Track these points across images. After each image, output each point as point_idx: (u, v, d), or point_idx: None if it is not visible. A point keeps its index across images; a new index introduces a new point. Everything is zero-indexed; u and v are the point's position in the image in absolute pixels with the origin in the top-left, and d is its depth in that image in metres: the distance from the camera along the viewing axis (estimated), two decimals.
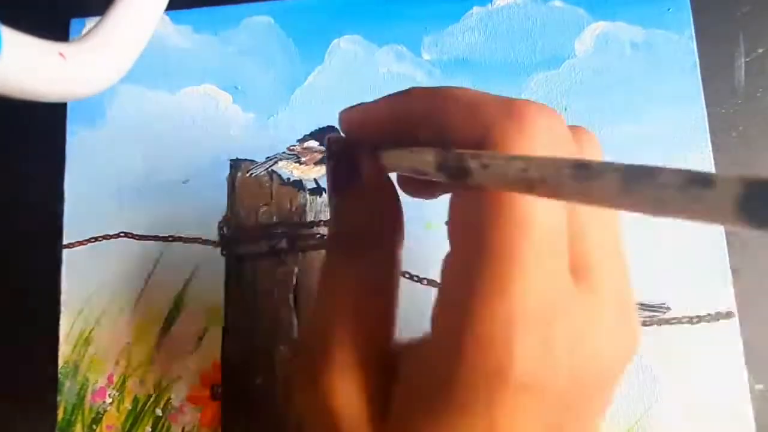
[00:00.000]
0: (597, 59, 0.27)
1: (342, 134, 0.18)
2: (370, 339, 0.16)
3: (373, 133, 0.17)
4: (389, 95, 0.17)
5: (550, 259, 0.13)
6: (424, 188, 0.18)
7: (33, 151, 0.28)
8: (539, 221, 0.13)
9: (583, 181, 0.11)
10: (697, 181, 0.09)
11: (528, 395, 0.13)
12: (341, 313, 0.16)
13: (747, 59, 0.26)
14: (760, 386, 0.24)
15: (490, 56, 0.27)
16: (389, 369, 0.15)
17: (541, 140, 0.13)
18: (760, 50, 0.26)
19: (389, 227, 0.17)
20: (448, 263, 0.14)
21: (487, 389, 0.13)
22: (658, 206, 0.10)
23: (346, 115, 0.18)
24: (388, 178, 0.17)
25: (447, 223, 0.15)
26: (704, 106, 0.26)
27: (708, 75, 0.26)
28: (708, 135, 0.25)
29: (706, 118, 0.26)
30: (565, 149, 0.14)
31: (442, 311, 0.14)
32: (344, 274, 0.16)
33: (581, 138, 0.16)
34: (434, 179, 0.14)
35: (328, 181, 0.18)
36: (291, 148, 0.27)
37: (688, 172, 0.09)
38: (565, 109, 0.26)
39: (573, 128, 0.16)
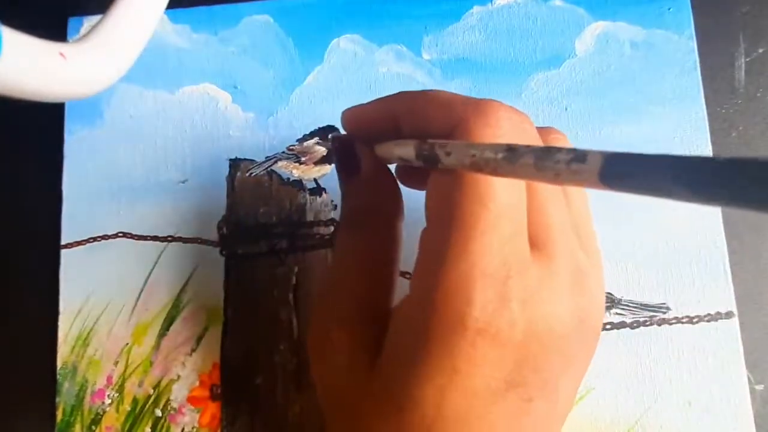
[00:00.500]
0: (597, 59, 0.27)
1: (343, 131, 0.21)
2: (368, 299, 0.18)
3: (367, 129, 0.20)
4: (381, 97, 0.20)
5: (507, 226, 0.15)
6: (416, 180, 0.21)
7: (31, 151, 0.28)
8: (497, 195, 0.15)
9: (512, 161, 0.13)
10: (577, 157, 0.12)
11: (485, 341, 0.15)
12: (345, 275, 0.19)
13: (747, 59, 0.26)
14: (760, 387, 0.24)
15: (490, 56, 0.27)
16: (384, 328, 0.17)
17: (505, 134, 0.16)
18: (761, 50, 0.26)
19: (386, 205, 0.20)
20: (424, 233, 0.17)
21: (450, 336, 0.15)
22: (556, 178, 0.12)
23: (346, 113, 0.21)
24: (385, 166, 0.20)
25: (425, 203, 0.17)
26: (704, 105, 0.26)
27: (708, 75, 0.26)
28: (708, 135, 0.25)
29: (706, 118, 0.26)
30: (529, 143, 0.16)
31: (417, 272, 0.17)
32: (349, 243, 0.19)
33: (551, 138, 0.18)
34: (416, 165, 0.17)
35: (337, 171, 0.21)
36: (291, 147, 0.27)
37: (573, 150, 0.12)
38: (566, 109, 0.26)
39: (544, 129, 0.18)
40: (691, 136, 0.26)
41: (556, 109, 0.26)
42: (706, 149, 0.25)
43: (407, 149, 0.17)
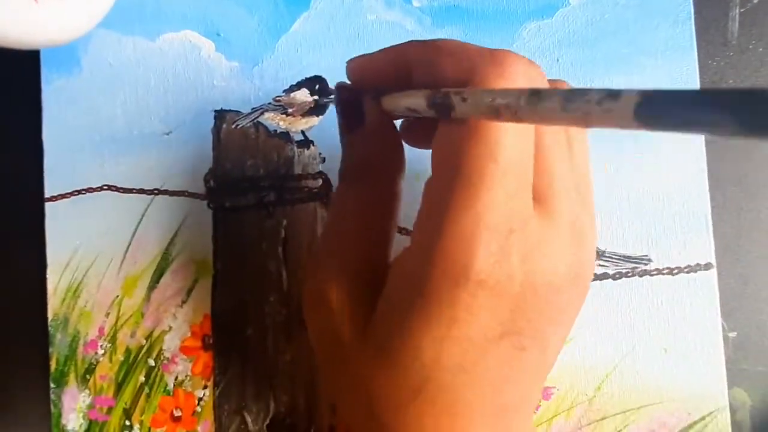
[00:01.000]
0: (591, 8, 0.26)
1: (348, 81, 0.20)
2: (364, 253, 0.19)
3: (374, 80, 0.19)
4: (388, 47, 0.19)
5: (513, 181, 0.15)
6: (420, 137, 0.20)
7: (8, 101, 0.27)
8: (505, 150, 0.15)
9: (535, 104, 0.13)
10: (610, 95, 0.11)
11: (485, 292, 0.15)
12: (343, 229, 0.19)
13: (741, 9, 0.26)
14: (733, 334, 0.25)
15: (481, 4, 0.26)
16: (381, 282, 0.17)
17: (518, 84, 0.15)
18: (756, 0, 0.26)
19: (388, 159, 0.19)
20: (428, 184, 0.17)
21: (451, 287, 0.15)
22: (586, 119, 0.12)
23: (351, 63, 0.20)
24: (389, 120, 0.20)
25: (431, 154, 0.17)
26: (696, 58, 0.25)
27: (702, 26, 0.26)
28: (699, 87, 0.25)
29: (697, 70, 0.25)
30: None
31: (420, 223, 0.17)
32: (348, 197, 0.19)
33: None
34: (425, 116, 0.17)
35: (339, 122, 0.21)
36: (277, 98, 0.26)
37: (606, 89, 0.11)
38: (557, 60, 0.26)
39: (554, 82, 0.18)
40: (681, 87, 0.25)
41: (547, 59, 0.26)
42: None
43: (418, 99, 0.17)
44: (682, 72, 0.25)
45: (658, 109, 0.10)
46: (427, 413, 0.16)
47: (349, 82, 0.21)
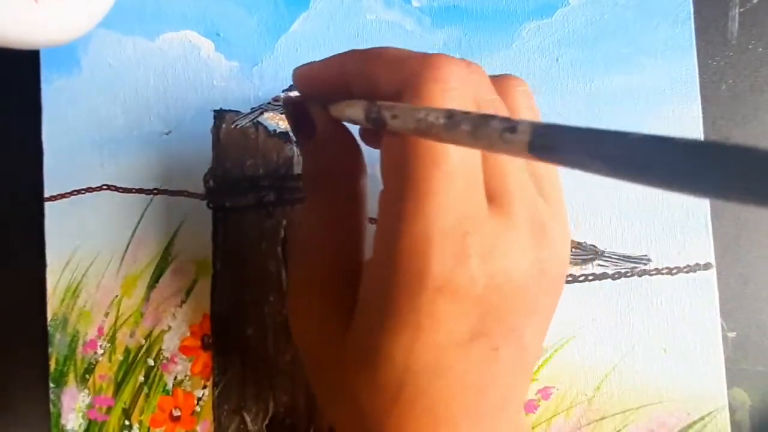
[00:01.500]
0: (590, 9, 0.26)
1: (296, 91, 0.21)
2: (337, 258, 0.19)
3: (318, 89, 0.19)
4: (332, 55, 0.19)
5: (460, 183, 0.15)
6: (378, 141, 0.20)
7: (8, 101, 0.27)
8: (449, 153, 0.15)
9: (450, 128, 0.13)
10: (509, 127, 0.12)
11: (445, 298, 0.15)
12: (311, 237, 0.19)
13: (741, 9, 0.26)
14: (732, 334, 0.25)
15: (481, 4, 0.26)
16: (357, 283, 0.18)
17: (455, 88, 0.15)
18: (755, 0, 0.26)
19: (346, 163, 0.20)
20: (380, 196, 0.17)
21: (412, 294, 0.15)
22: (490, 147, 0.12)
23: (297, 72, 0.20)
24: (341, 125, 0.20)
25: (380, 163, 0.17)
26: (696, 57, 0.25)
27: (701, 25, 0.26)
28: (698, 88, 0.25)
29: (696, 70, 0.25)
30: (481, 95, 0.16)
31: (378, 233, 0.17)
32: (312, 205, 0.20)
33: (508, 84, 0.18)
34: (366, 127, 0.17)
35: (293, 133, 0.21)
36: (277, 98, 0.26)
37: (507, 120, 0.12)
38: (557, 60, 0.26)
39: (500, 77, 0.18)
40: (680, 88, 0.25)
41: (547, 59, 0.26)
42: (695, 102, 0.25)
43: (357, 111, 0.17)
44: (681, 72, 0.25)
45: (548, 145, 0.11)
46: (409, 417, 0.16)
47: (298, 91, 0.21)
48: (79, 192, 0.26)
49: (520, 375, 0.18)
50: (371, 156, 0.20)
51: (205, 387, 0.26)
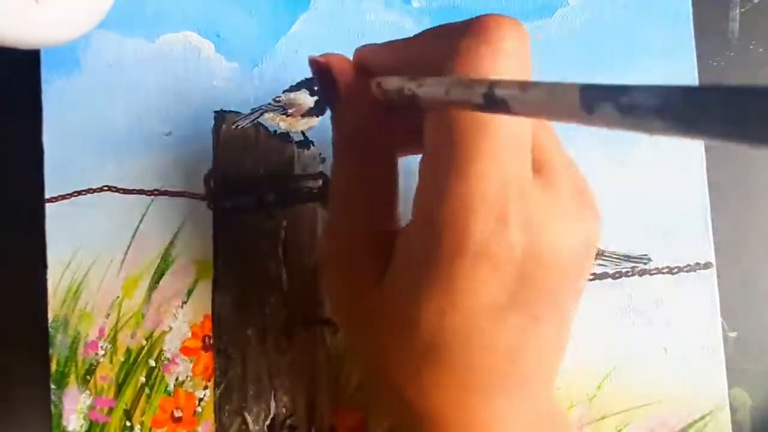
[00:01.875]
0: (590, 9, 0.26)
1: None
2: (369, 219, 0.19)
3: (378, 71, 0.19)
4: (396, 41, 0.19)
5: (507, 151, 0.15)
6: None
7: (8, 101, 0.27)
8: (498, 119, 0.15)
9: (492, 104, 0.13)
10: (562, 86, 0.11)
11: (483, 264, 0.15)
12: (341, 201, 0.19)
13: (742, 10, 0.26)
14: (733, 333, 0.25)
15: (481, 4, 0.26)
16: (391, 245, 0.18)
17: (507, 49, 0.15)
18: (756, 0, 0.26)
19: (373, 126, 0.19)
20: (422, 161, 0.17)
21: (450, 259, 0.15)
22: (542, 111, 0.12)
23: (357, 53, 0.20)
24: (368, 88, 0.19)
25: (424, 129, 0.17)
26: (695, 58, 0.25)
27: (701, 26, 0.26)
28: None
29: (696, 70, 0.25)
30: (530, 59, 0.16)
31: (418, 198, 0.17)
32: (341, 169, 0.20)
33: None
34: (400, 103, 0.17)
35: (322, 96, 0.21)
36: (277, 99, 0.26)
37: (555, 83, 0.12)
38: (557, 60, 0.26)
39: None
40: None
41: (546, 59, 0.26)
42: None
43: (393, 84, 0.17)
44: (681, 73, 0.25)
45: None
46: (437, 380, 0.16)
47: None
48: (79, 193, 0.26)
49: (557, 348, 0.17)
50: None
51: (206, 388, 0.26)
